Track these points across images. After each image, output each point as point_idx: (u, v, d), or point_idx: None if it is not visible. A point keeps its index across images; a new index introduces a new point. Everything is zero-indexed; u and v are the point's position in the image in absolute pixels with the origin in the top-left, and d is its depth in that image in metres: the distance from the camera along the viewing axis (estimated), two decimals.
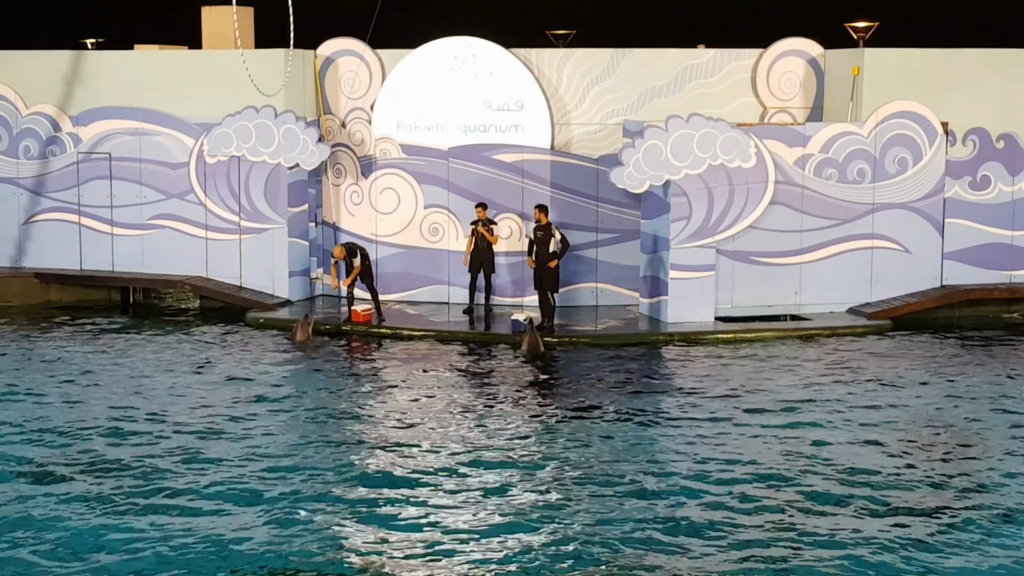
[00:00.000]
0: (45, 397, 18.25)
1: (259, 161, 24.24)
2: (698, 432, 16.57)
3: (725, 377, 19.47)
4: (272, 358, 20.81)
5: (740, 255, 23.06)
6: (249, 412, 17.46)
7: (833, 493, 14.21)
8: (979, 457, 15.59)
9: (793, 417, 17.21)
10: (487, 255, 23.39)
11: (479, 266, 23.43)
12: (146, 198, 25.39)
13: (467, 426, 16.84)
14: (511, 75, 24.40)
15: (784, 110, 24.80)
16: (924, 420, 17.21)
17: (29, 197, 26.06)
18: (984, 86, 23.85)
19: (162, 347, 21.63)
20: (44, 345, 21.75)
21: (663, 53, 24.75)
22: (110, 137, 25.48)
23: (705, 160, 22.34)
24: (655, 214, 23.00)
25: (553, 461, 15.37)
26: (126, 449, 15.75)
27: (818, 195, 23.22)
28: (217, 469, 14.98)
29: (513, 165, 24.10)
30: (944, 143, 23.59)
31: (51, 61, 25.90)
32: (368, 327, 22.63)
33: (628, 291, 24.10)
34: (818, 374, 19.66)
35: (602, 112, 24.65)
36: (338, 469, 15.02)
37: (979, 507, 13.80)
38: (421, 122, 24.58)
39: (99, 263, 25.80)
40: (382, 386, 19.11)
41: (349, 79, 25.02)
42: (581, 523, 13.33)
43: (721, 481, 14.59)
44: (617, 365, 20.23)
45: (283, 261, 24.46)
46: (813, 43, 24.94)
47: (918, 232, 23.69)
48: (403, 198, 24.50)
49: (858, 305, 23.51)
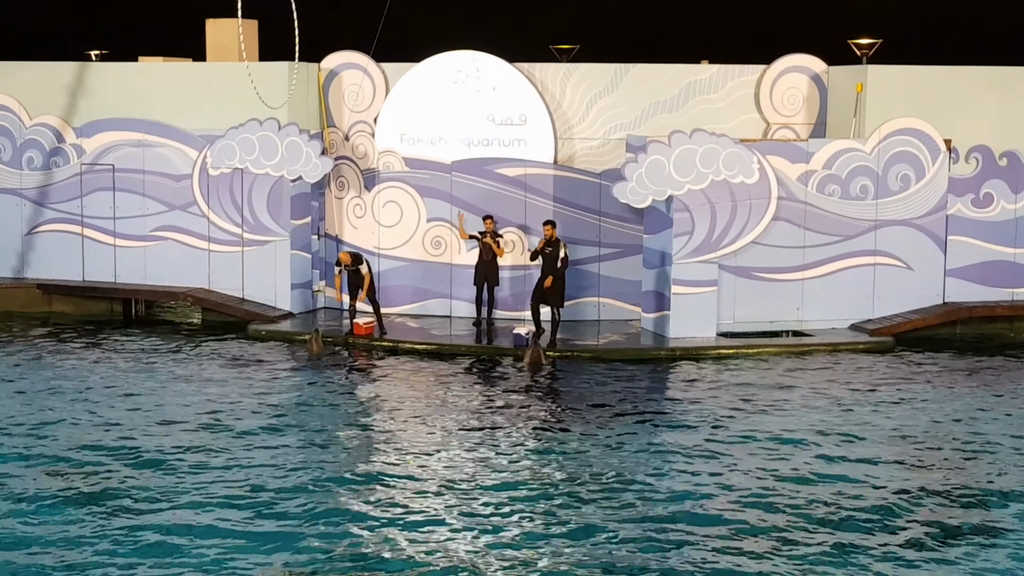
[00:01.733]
0: (51, 414, 18.25)
1: (262, 173, 24.26)
2: (699, 447, 16.53)
3: (726, 393, 19.44)
4: (272, 372, 20.81)
5: (742, 271, 23.05)
6: (250, 427, 17.46)
7: (831, 513, 14.18)
8: (979, 475, 15.56)
9: (794, 434, 17.18)
10: (492, 267, 23.40)
11: (484, 278, 23.44)
12: (149, 210, 25.40)
13: (468, 440, 16.80)
14: (514, 89, 24.43)
15: (787, 126, 24.82)
16: (925, 437, 17.17)
17: (32, 208, 26.08)
18: (987, 104, 23.87)
19: (162, 358, 21.61)
20: (50, 358, 21.75)
21: (666, 68, 24.78)
22: (113, 149, 25.50)
23: (708, 175, 22.35)
24: (658, 229, 23.00)
25: (554, 476, 15.33)
26: (116, 462, 15.76)
27: (821, 211, 23.22)
28: (214, 483, 14.99)
29: (516, 179, 24.11)
30: (947, 160, 23.60)
31: (55, 72, 25.95)
32: (370, 340, 22.62)
33: (630, 306, 24.09)
34: (820, 390, 19.63)
35: (605, 127, 24.67)
36: (341, 480, 15.02)
37: (980, 527, 13.77)
38: (424, 136, 24.61)
39: (102, 274, 25.80)
40: (382, 400, 19.07)
41: (353, 92, 25.06)
42: (581, 538, 13.31)
43: (722, 497, 14.57)
44: (618, 380, 20.20)
45: (285, 273, 24.46)
46: (816, 59, 24.97)
47: (921, 249, 23.68)
48: (406, 211, 24.51)
49: (860, 321, 23.49)
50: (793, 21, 37.43)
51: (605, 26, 39.29)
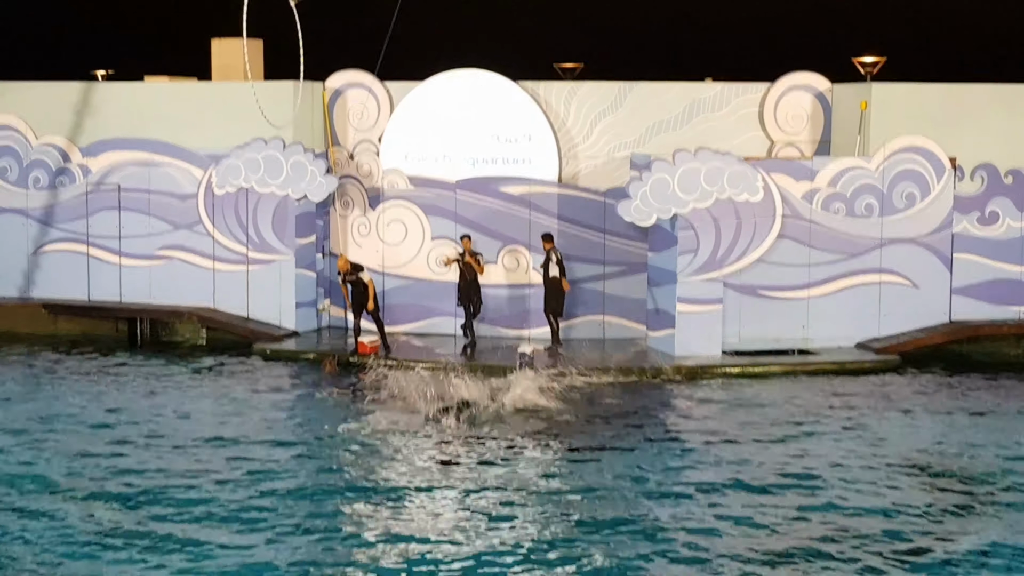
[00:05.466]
0: (60, 433, 18.27)
1: (267, 192, 24.30)
2: (702, 466, 16.50)
3: (731, 411, 19.40)
4: (275, 391, 20.82)
5: (747, 289, 23.03)
6: (252, 446, 17.45)
7: (839, 535, 14.14)
8: (982, 493, 15.52)
9: (801, 455, 17.15)
10: (474, 286, 23.45)
11: (468, 298, 23.50)
12: (154, 229, 25.43)
13: (468, 461, 16.78)
14: (519, 108, 24.46)
15: (791, 144, 24.82)
16: (929, 455, 17.13)
17: (38, 227, 26.13)
18: (992, 121, 23.86)
19: (168, 379, 21.62)
20: (56, 380, 21.78)
21: (670, 87, 24.80)
22: (119, 168, 25.55)
23: (712, 194, 22.36)
24: (662, 247, 22.99)
25: (557, 494, 15.29)
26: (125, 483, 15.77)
27: (826, 229, 23.21)
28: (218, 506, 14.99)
29: (520, 197, 24.13)
30: (952, 178, 23.58)
31: (61, 92, 26.01)
32: (375, 359, 22.60)
33: (635, 324, 24.07)
34: (824, 409, 19.58)
35: (609, 145, 24.69)
36: (343, 494, 15.01)
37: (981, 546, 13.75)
38: (429, 154, 24.64)
39: (107, 294, 25.82)
40: (385, 420, 19.03)
41: (357, 111, 25.10)
42: (584, 557, 13.29)
43: (725, 513, 14.54)
44: (623, 398, 20.16)
45: (290, 292, 24.48)
46: (821, 77, 24.97)
47: (926, 267, 23.64)
48: (410, 230, 24.53)
49: (866, 340, 23.44)
50: (797, 39, 37.44)
51: (609, 45, 39.33)
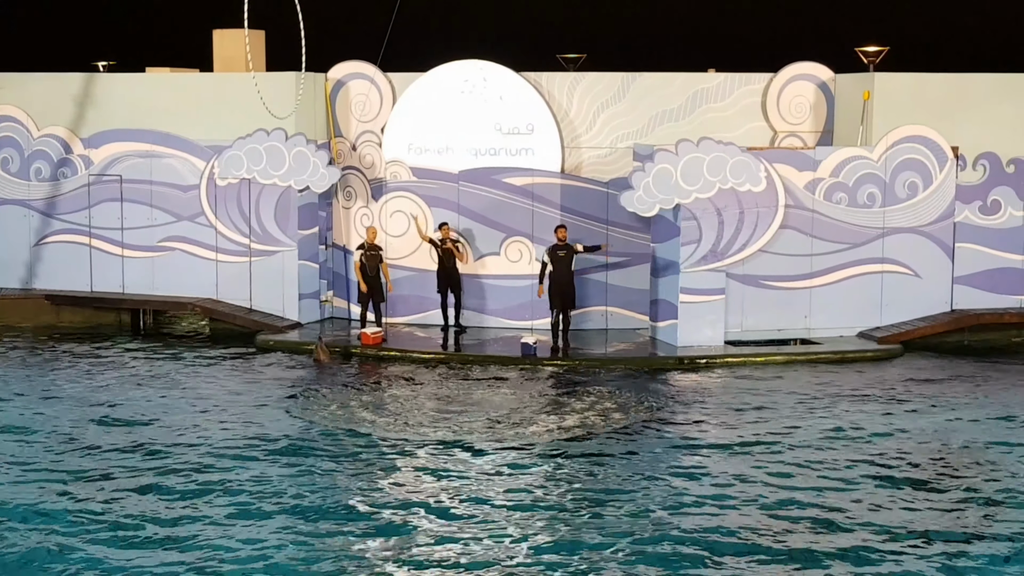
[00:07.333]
0: (62, 428, 18.29)
1: (270, 184, 24.30)
2: (706, 457, 16.52)
3: (734, 401, 19.42)
4: (280, 383, 20.84)
5: (750, 279, 23.03)
6: (255, 443, 17.48)
7: (847, 523, 14.16)
8: (987, 481, 15.54)
9: (806, 444, 17.17)
10: (454, 273, 23.56)
11: (447, 285, 23.61)
12: (157, 220, 25.45)
13: (470, 449, 16.80)
14: (521, 99, 24.45)
15: (794, 134, 24.82)
16: (934, 445, 17.14)
17: (40, 219, 26.14)
18: (994, 111, 23.86)
19: (169, 369, 21.65)
20: (62, 369, 21.80)
21: (673, 77, 24.79)
22: (121, 159, 25.55)
23: (715, 184, 22.36)
24: (665, 238, 23.00)
25: (557, 486, 15.32)
26: (125, 471, 15.80)
27: (828, 219, 23.21)
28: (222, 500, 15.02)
29: (523, 188, 24.13)
30: (954, 168, 23.58)
31: (63, 84, 26.01)
32: (377, 350, 22.63)
33: (638, 315, 24.08)
34: (827, 398, 19.60)
35: (612, 136, 24.68)
36: (348, 490, 15.03)
37: (992, 535, 13.76)
38: (431, 145, 24.64)
39: (109, 285, 25.85)
40: (389, 411, 19.06)
41: (360, 102, 25.09)
42: (589, 553, 13.31)
43: (728, 507, 14.56)
44: (626, 389, 20.18)
45: (293, 283, 24.50)
46: (823, 67, 24.97)
47: (928, 256, 23.65)
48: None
49: (868, 329, 23.46)
50: (800, 29, 37.44)
51: (612, 35, 39.32)
